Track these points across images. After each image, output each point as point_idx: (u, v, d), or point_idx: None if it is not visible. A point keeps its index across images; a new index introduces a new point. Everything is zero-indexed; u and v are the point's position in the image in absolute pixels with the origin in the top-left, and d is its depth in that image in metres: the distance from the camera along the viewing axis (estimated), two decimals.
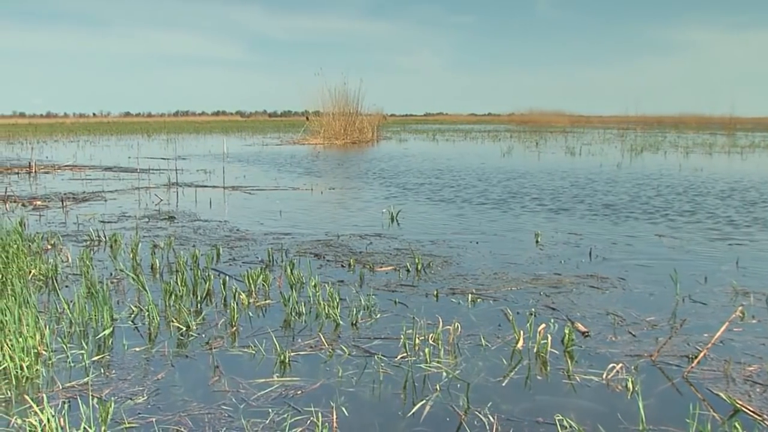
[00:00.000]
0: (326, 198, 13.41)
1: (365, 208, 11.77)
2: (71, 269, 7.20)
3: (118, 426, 3.66)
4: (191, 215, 11.02)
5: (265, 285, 6.37)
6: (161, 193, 14.13)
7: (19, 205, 12.50)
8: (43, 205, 12.56)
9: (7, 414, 3.85)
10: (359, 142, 37.31)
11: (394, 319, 5.45)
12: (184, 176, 17.29)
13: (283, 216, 10.78)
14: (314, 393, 4.08)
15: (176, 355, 4.74)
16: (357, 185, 15.62)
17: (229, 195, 13.97)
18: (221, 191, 14.56)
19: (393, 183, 15.85)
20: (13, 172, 19.78)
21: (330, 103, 38.54)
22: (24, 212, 11.48)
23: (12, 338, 4.58)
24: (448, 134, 51.56)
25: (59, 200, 13.12)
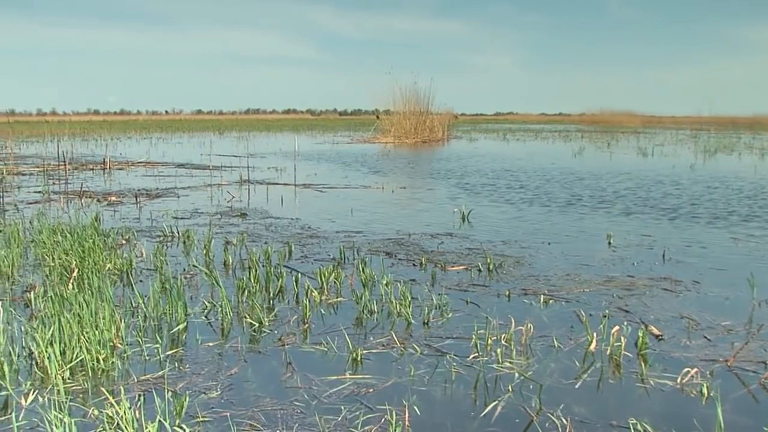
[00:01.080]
0: (397, 196, 13.42)
1: (436, 207, 11.76)
2: (145, 264, 7.30)
3: (192, 420, 3.70)
4: (263, 212, 11.10)
5: (337, 282, 6.40)
6: (233, 190, 14.25)
7: (94, 201, 12.69)
8: (117, 200, 12.74)
9: (83, 405, 3.91)
10: (429, 141, 37.27)
11: (466, 318, 5.43)
12: (255, 173, 17.41)
13: (355, 214, 10.81)
14: (386, 391, 4.08)
15: (249, 351, 4.77)
16: (428, 184, 15.60)
17: (301, 193, 14.06)
18: (292, 189, 14.65)
19: (463, 182, 15.81)
20: (88, 168, 20.08)
21: (400, 101, 38.58)
22: (99, 208, 11.65)
23: (89, 331, 4.65)
24: (518, 134, 51.30)
25: (133, 196, 13.30)
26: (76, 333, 4.63)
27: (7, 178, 16.46)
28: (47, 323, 4.85)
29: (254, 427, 3.61)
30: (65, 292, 5.50)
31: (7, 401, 4.02)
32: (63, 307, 5.05)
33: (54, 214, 10.84)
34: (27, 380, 4.30)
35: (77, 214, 10.48)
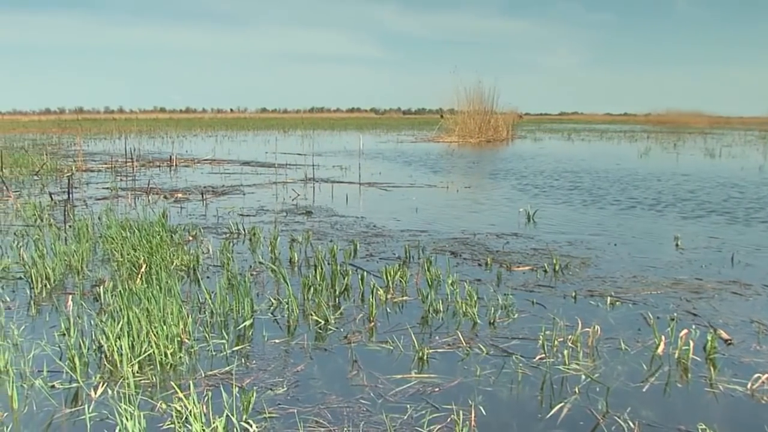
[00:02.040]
0: (462, 196, 13.39)
1: (501, 206, 11.71)
2: (211, 260, 7.36)
3: (259, 415, 3.72)
4: (328, 210, 11.14)
5: (403, 281, 6.39)
6: (298, 188, 14.32)
7: (161, 197, 12.84)
8: (183, 197, 12.87)
9: (151, 399, 3.96)
10: (494, 140, 37.15)
11: (532, 319, 5.40)
12: (320, 172, 17.49)
13: (419, 213, 10.81)
14: (452, 391, 4.07)
15: (315, 348, 4.79)
16: (492, 184, 15.55)
17: (365, 191, 14.09)
18: (357, 187, 14.69)
19: (528, 182, 15.73)
20: (154, 165, 20.32)
21: (465, 101, 38.48)
22: (166, 204, 11.79)
23: (157, 326, 4.70)
24: (583, 134, 50.89)
25: (199, 193, 13.42)
26: (145, 328, 4.69)
27: (76, 174, 16.69)
28: (116, 317, 4.91)
29: (320, 424, 3.62)
30: (134, 287, 5.57)
31: (78, 393, 4.08)
32: (132, 301, 5.11)
33: (122, 210, 10.99)
34: (96, 373, 4.37)
35: (145, 210, 10.60)
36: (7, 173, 17.03)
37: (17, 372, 4.37)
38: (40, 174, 17.25)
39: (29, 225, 9.66)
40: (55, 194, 12.82)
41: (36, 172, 17.52)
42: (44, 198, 12.43)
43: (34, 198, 12.42)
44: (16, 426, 3.69)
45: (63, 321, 5.09)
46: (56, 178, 16.44)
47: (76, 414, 3.81)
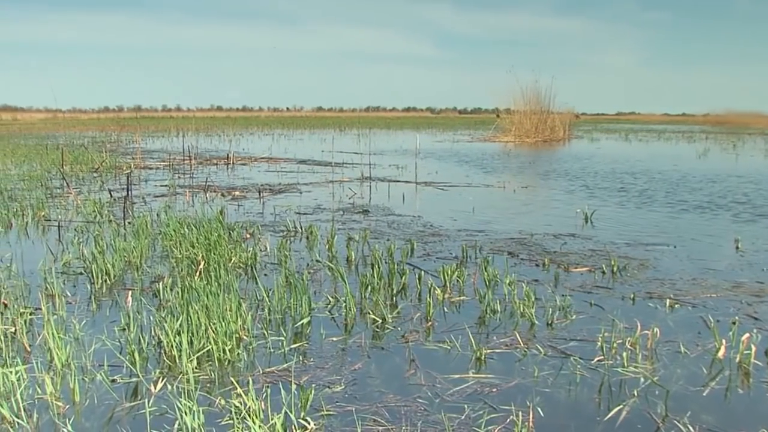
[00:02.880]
0: (518, 196, 13.33)
1: (557, 207, 11.64)
2: (269, 258, 7.40)
3: (316, 413, 3.73)
4: (385, 209, 11.15)
5: (460, 281, 6.38)
6: (355, 187, 14.36)
7: (218, 195, 12.94)
8: (241, 195, 12.96)
9: (210, 394, 3.99)
10: (550, 140, 36.93)
11: (590, 321, 5.36)
12: (376, 171, 17.48)
13: (476, 213, 10.77)
14: (509, 391, 4.06)
15: (372, 347, 4.80)
16: (549, 184, 15.46)
17: (422, 190, 14.08)
18: (413, 186, 14.68)
19: (585, 182, 15.61)
20: (212, 163, 20.49)
21: (521, 100, 38.29)
22: (223, 202, 11.88)
23: (216, 322, 4.74)
24: (640, 134, 50.40)
25: (256, 191, 13.50)
26: (204, 324, 4.72)
27: (134, 172, 16.86)
28: (175, 314, 4.96)
29: (378, 423, 3.62)
30: (193, 283, 5.62)
31: (137, 387, 4.13)
32: (191, 298, 5.15)
33: (180, 208, 11.09)
34: (156, 368, 4.41)
35: (202, 207, 10.68)
36: (68, 170, 17.26)
37: (78, 366, 4.43)
38: (99, 171, 17.47)
39: (89, 221, 9.78)
40: (114, 191, 12.98)
41: (95, 169, 17.74)
42: (104, 195, 12.60)
43: (94, 195, 12.59)
44: (78, 419, 3.73)
45: (123, 316, 5.15)
46: (115, 176, 16.64)
47: (135, 408, 3.85)
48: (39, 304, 5.53)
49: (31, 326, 5.23)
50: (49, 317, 4.93)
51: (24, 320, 5.17)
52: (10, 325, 5.13)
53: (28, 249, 8.04)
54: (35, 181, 14.91)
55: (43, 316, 5.10)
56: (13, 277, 6.59)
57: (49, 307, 5.36)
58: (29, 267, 7.01)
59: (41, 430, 3.61)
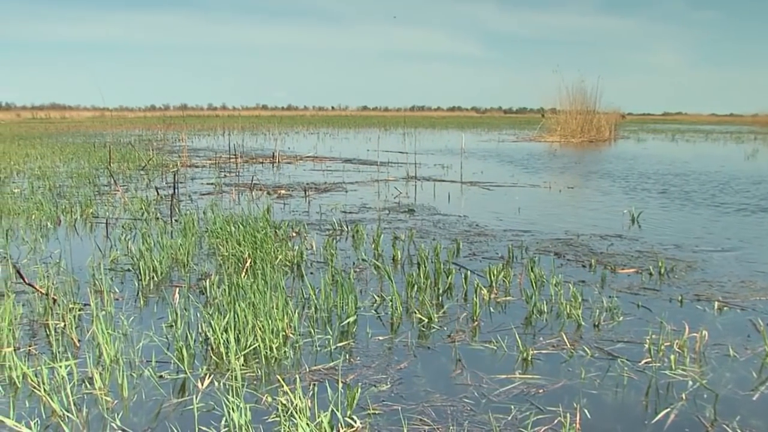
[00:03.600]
0: (565, 196, 13.27)
1: (604, 207, 11.55)
2: (315, 257, 7.42)
3: (363, 411, 3.74)
4: (430, 209, 11.14)
5: (506, 281, 6.36)
6: (400, 186, 14.36)
7: (264, 193, 13.00)
8: (286, 194, 13.00)
9: (256, 392, 4.00)
10: (596, 140, 36.71)
11: (638, 322, 5.32)
12: (421, 170, 17.46)
13: (522, 213, 10.72)
14: (556, 392, 4.04)
15: (418, 346, 4.79)
16: (595, 184, 15.35)
17: (467, 190, 14.05)
18: (459, 186, 14.65)
19: (631, 183, 15.48)
20: (257, 161, 20.57)
21: (567, 100, 38.12)
22: (269, 200, 11.92)
23: (262, 320, 4.76)
24: (687, 135, 49.93)
25: (302, 190, 13.55)
26: (250, 321, 4.75)
27: (181, 170, 16.98)
28: (222, 311, 4.99)
29: (424, 422, 3.62)
30: (239, 281, 5.65)
31: (185, 384, 4.16)
32: (238, 295, 5.18)
33: (226, 206, 11.15)
34: (203, 365, 4.43)
35: (249, 206, 10.73)
36: (115, 168, 17.42)
37: (127, 361, 4.47)
38: (146, 169, 17.61)
39: (136, 218, 9.86)
40: (161, 189, 13.08)
41: (142, 167, 17.89)
42: (150, 192, 12.70)
43: (141, 192, 12.70)
44: (126, 414, 3.77)
45: (170, 313, 5.20)
46: (162, 174, 16.76)
47: (183, 404, 3.88)
48: (88, 300, 5.60)
49: (80, 322, 5.29)
50: (97, 313, 5.00)
51: (73, 316, 5.23)
52: (59, 321, 5.19)
53: (77, 245, 8.13)
54: (83, 179, 15.06)
55: (91, 312, 5.17)
56: (62, 273, 6.67)
57: (97, 303, 5.42)
58: (77, 263, 7.09)
59: (90, 425, 3.64)
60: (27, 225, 9.35)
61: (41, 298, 5.67)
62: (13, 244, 8.09)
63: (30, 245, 8.01)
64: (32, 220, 9.60)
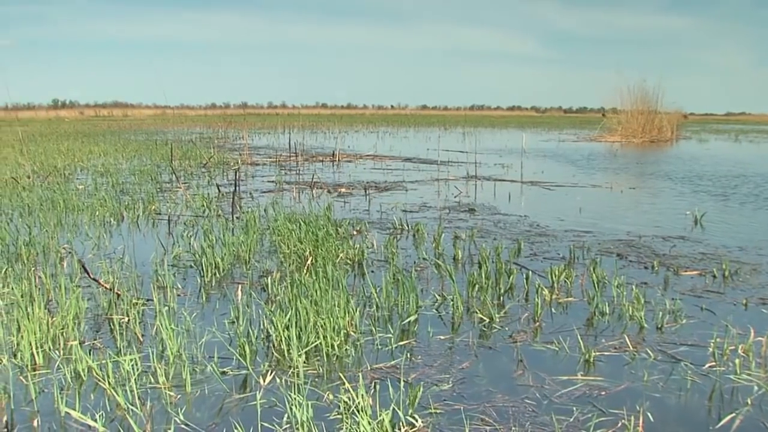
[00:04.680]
0: (626, 197, 13.15)
1: (666, 208, 11.43)
2: (376, 255, 7.43)
3: (424, 410, 3.74)
4: (491, 208, 11.11)
5: (568, 282, 6.32)
6: (460, 186, 14.33)
7: (324, 191, 13.05)
8: (347, 192, 13.04)
9: (318, 389, 4.02)
10: (657, 141, 36.31)
11: (701, 325, 5.25)
12: (482, 169, 17.39)
13: (583, 213, 10.64)
14: (619, 395, 4.01)
15: (479, 346, 4.78)
16: (657, 185, 15.19)
17: (528, 190, 13.99)
18: (519, 186, 14.59)
19: (694, 184, 15.29)
20: (318, 160, 20.65)
21: (628, 100, 37.75)
22: (330, 198, 11.96)
23: (324, 317, 4.78)
24: (751, 135, 49.23)
25: (362, 188, 13.58)
26: (312, 319, 4.77)
27: (242, 167, 17.09)
28: (284, 308, 5.02)
29: (486, 422, 3.62)
30: (301, 278, 5.68)
31: (247, 380, 4.19)
32: (300, 293, 5.20)
33: (287, 203, 11.21)
34: (264, 361, 4.47)
35: (310, 203, 10.78)
36: (177, 165, 17.58)
37: (189, 356, 4.52)
38: (207, 166, 17.75)
39: (198, 215, 9.96)
40: (222, 186, 13.19)
41: (203, 165, 18.05)
42: (212, 190, 12.81)
43: (203, 189, 12.79)
44: (189, 408, 3.81)
45: (232, 309, 5.24)
46: (223, 171, 16.90)
47: (245, 400, 3.91)
48: (151, 296, 5.67)
49: (143, 317, 5.36)
50: (160, 308, 5.07)
51: (136, 311, 5.31)
52: (123, 315, 5.26)
53: (139, 241, 8.24)
54: (146, 176, 15.23)
55: (154, 307, 5.23)
56: (126, 269, 6.75)
57: (160, 299, 5.50)
58: (140, 259, 7.19)
59: (154, 419, 3.69)
60: (91, 221, 9.48)
61: (105, 292, 5.75)
62: (77, 240, 8.22)
63: (94, 241, 8.13)
64: (96, 216, 9.73)
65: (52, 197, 11.11)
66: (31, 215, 9.79)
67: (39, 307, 4.87)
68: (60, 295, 5.46)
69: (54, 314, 5.09)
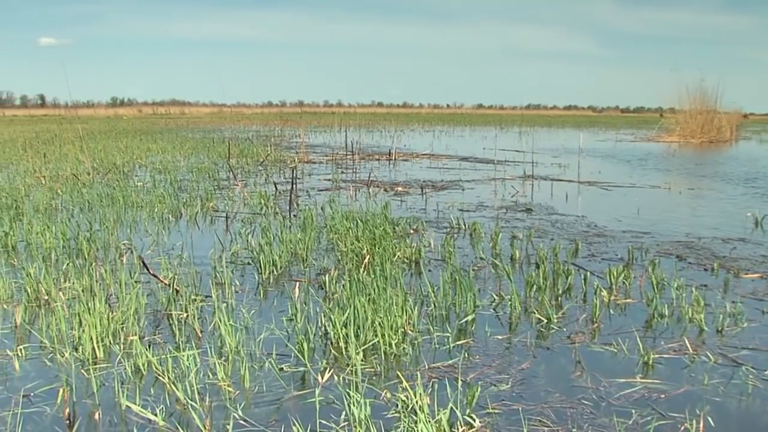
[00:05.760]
0: (685, 198, 13.03)
1: (725, 210, 11.29)
2: (432, 254, 7.43)
3: (482, 410, 3.74)
4: (548, 208, 11.06)
5: (626, 283, 6.27)
6: (517, 185, 14.27)
7: (381, 190, 13.07)
8: (403, 191, 13.05)
9: (375, 387, 4.03)
10: (716, 141, 35.87)
11: (763, 329, 5.18)
12: (538, 169, 17.30)
13: (641, 214, 10.53)
14: (678, 398, 3.97)
15: (537, 347, 4.77)
16: (716, 186, 15.01)
17: (585, 190, 13.90)
18: (576, 186, 14.50)
19: (754, 185, 15.08)
20: (374, 158, 20.69)
21: (686, 99, 37.33)
22: (386, 197, 11.97)
23: (382, 316, 4.79)
24: None
25: (419, 187, 13.59)
26: (370, 317, 4.78)
27: (298, 165, 17.17)
28: (342, 306, 5.03)
29: (544, 424, 3.60)
30: (359, 276, 5.69)
31: (305, 377, 4.22)
32: (358, 291, 5.22)
33: (343, 202, 11.24)
34: (322, 359, 4.49)
35: (367, 202, 10.80)
36: (234, 163, 17.71)
37: (248, 353, 4.55)
38: (264, 164, 17.87)
39: (255, 213, 10.03)
40: (279, 184, 13.25)
41: (260, 162, 18.16)
42: (269, 187, 12.87)
43: (260, 187, 12.87)
44: (248, 405, 3.84)
45: (290, 306, 5.27)
46: (279, 169, 16.99)
47: (303, 397, 3.94)
48: (209, 292, 5.72)
49: (202, 313, 5.41)
50: (219, 305, 5.11)
51: (195, 307, 5.36)
52: (182, 311, 5.32)
53: (198, 238, 8.32)
54: (203, 173, 15.36)
55: (213, 304, 5.28)
56: (184, 265, 6.81)
57: (219, 295, 5.54)
58: (199, 255, 7.25)
59: (213, 414, 3.72)
60: (150, 217, 9.60)
61: (164, 288, 5.81)
62: (136, 236, 8.32)
63: (153, 237, 8.23)
64: (155, 213, 9.84)
65: (111, 194, 11.25)
66: (91, 211, 9.93)
67: (100, 302, 4.92)
68: (120, 291, 5.54)
69: (114, 309, 5.16)
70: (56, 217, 9.36)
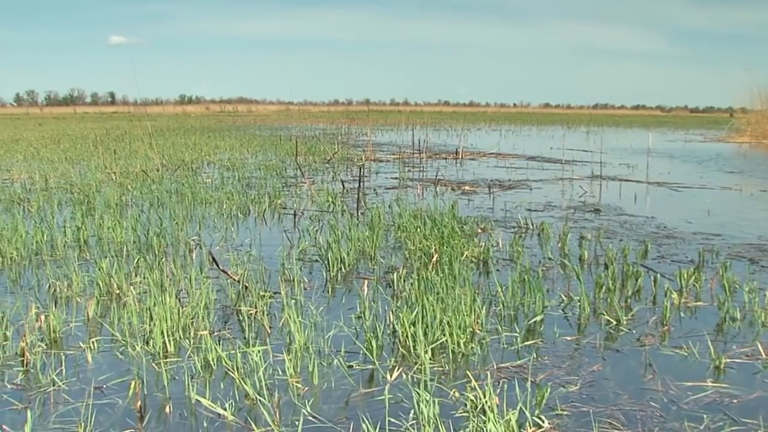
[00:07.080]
0: (757, 200, 12.83)
1: None
2: (500, 254, 7.41)
3: (551, 411, 3.72)
4: (616, 209, 10.96)
5: (696, 286, 6.19)
6: (585, 185, 14.16)
7: (448, 189, 13.06)
8: (471, 190, 13.03)
9: (444, 386, 4.03)
10: None
11: None
12: (606, 169, 17.14)
13: (712, 215, 10.40)
14: (751, 404, 3.91)
15: (606, 349, 4.74)
16: None
17: (654, 190, 13.76)
18: (645, 186, 14.35)
19: None
20: (440, 157, 20.67)
21: (758, 99, 36.71)
22: (453, 196, 11.95)
23: (450, 315, 4.79)
24: None
25: (486, 186, 13.56)
26: (438, 316, 4.78)
27: (365, 163, 17.21)
28: (410, 304, 5.04)
29: (614, 426, 3.58)
30: (427, 275, 5.69)
31: (373, 375, 4.24)
32: (426, 290, 5.22)
33: (410, 200, 11.24)
34: (390, 357, 4.51)
35: (434, 201, 10.79)
36: (301, 160, 17.79)
37: (316, 350, 4.58)
38: (331, 162, 17.94)
39: (323, 210, 10.08)
40: (346, 182, 13.29)
41: (327, 160, 18.24)
42: (336, 185, 12.92)
43: (327, 185, 12.93)
44: (316, 401, 3.87)
45: (358, 304, 5.28)
46: (347, 167, 17.04)
47: (371, 395, 3.96)
48: (278, 288, 5.75)
49: (271, 309, 5.45)
50: (288, 301, 5.14)
51: (264, 303, 5.41)
52: (251, 307, 5.36)
53: (266, 234, 8.39)
54: (271, 170, 15.47)
55: (282, 300, 5.31)
56: (253, 261, 6.86)
57: (287, 292, 5.57)
58: (267, 252, 7.31)
59: (282, 410, 3.75)
60: (218, 214, 9.69)
61: (234, 284, 5.86)
62: (205, 232, 8.41)
63: (222, 233, 8.31)
64: (223, 210, 9.94)
65: (180, 190, 11.40)
66: (161, 207, 10.06)
67: (170, 297, 4.99)
68: (190, 286, 5.61)
69: (184, 304, 5.22)
70: (126, 212, 9.51)
